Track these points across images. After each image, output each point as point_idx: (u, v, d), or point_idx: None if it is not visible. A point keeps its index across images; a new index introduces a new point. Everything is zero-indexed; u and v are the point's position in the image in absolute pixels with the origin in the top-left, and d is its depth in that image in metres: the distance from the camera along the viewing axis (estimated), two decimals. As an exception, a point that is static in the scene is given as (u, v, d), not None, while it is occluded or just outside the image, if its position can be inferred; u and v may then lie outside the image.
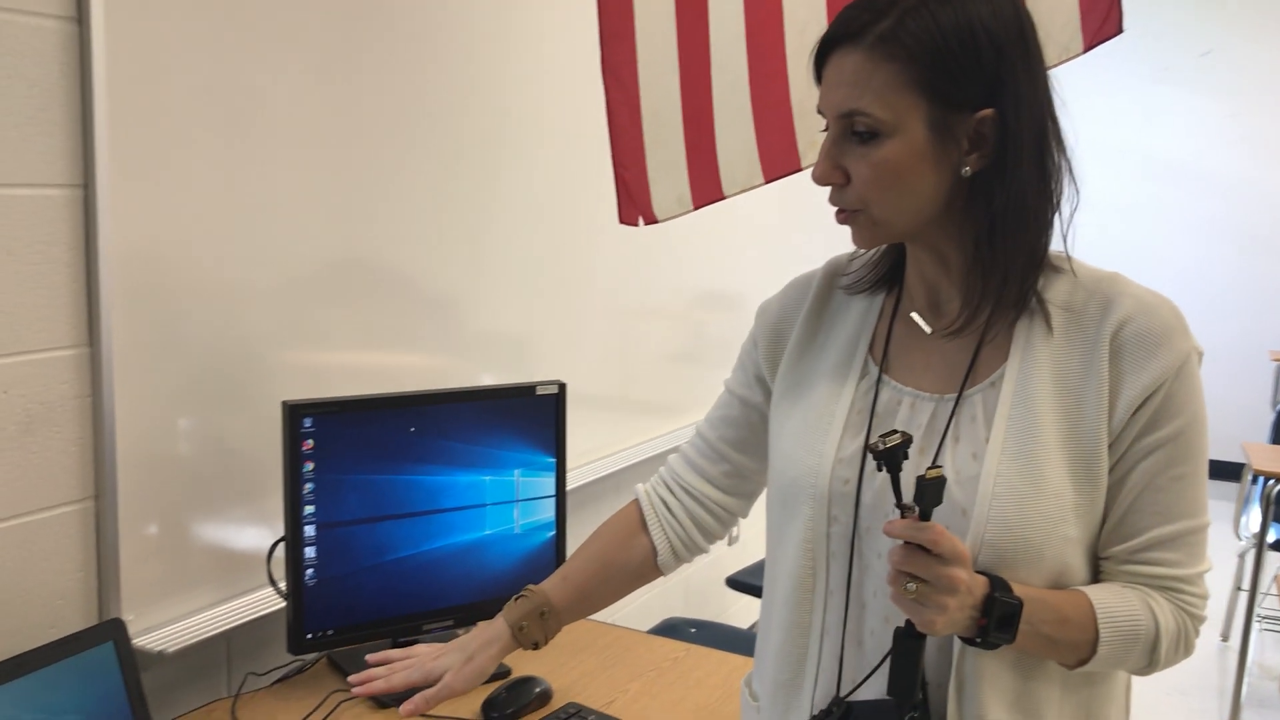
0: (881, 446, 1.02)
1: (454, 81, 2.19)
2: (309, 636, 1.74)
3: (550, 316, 2.59)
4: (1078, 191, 1.15)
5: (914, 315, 1.20)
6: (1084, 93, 6.87)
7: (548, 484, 1.93)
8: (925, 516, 1.03)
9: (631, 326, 2.95)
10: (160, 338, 1.68)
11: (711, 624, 2.85)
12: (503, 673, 1.84)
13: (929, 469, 1.02)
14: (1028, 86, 1.10)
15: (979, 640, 1.06)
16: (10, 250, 1.49)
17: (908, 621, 1.05)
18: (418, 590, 1.83)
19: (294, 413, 1.68)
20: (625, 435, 2.94)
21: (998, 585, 1.05)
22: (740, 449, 1.38)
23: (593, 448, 2.76)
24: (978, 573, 1.05)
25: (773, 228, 3.48)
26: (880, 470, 1.04)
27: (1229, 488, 4.23)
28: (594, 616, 2.41)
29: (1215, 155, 6.63)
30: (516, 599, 1.39)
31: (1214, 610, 4.38)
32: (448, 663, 1.35)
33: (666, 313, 3.13)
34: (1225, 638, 4.34)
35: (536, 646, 1.39)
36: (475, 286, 2.33)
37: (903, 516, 1.03)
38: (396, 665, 1.36)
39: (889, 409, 1.18)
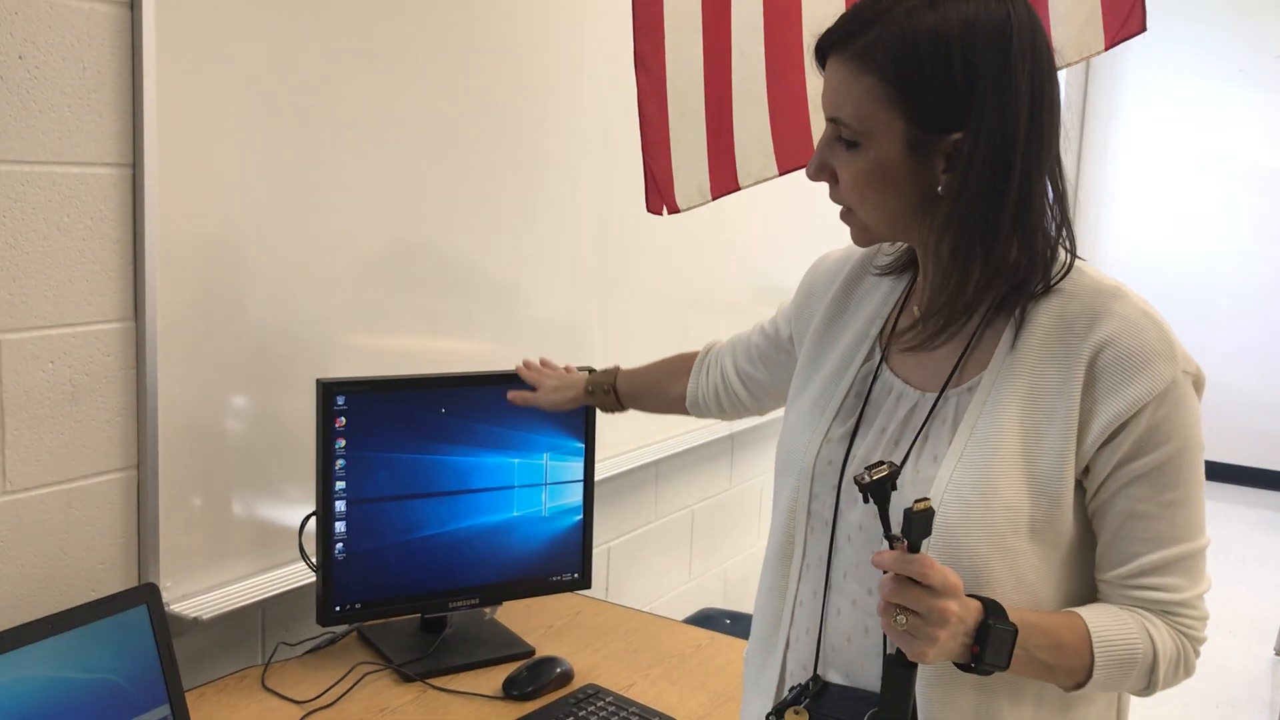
0: (867, 479, 1.01)
1: (507, 68, 2.22)
2: (337, 609, 1.79)
3: (604, 306, 2.61)
4: (1064, 205, 1.12)
5: (915, 309, 1.22)
6: (1157, 93, 6.75)
7: (576, 469, 1.96)
8: (914, 548, 1.01)
9: (688, 318, 2.96)
10: (204, 314, 1.74)
11: (747, 616, 2.85)
12: (526, 652, 1.87)
13: (917, 501, 1.01)
14: (999, 106, 1.05)
15: (973, 666, 1.05)
16: (59, 226, 1.55)
17: (898, 650, 1.04)
18: (445, 568, 1.86)
19: (327, 390, 1.72)
20: (669, 425, 2.95)
21: (992, 611, 1.04)
22: (764, 361, 1.56)
23: (636, 436, 2.78)
24: (972, 597, 1.04)
25: (830, 222, 3.46)
26: (867, 501, 1.03)
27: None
28: (626, 603, 2.44)
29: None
30: (601, 370, 1.82)
31: (1267, 624, 4.31)
32: (547, 384, 1.82)
33: (724, 306, 3.14)
34: (1278, 651, 4.25)
35: (601, 408, 1.83)
36: (527, 274, 2.37)
37: (891, 548, 1.02)
38: (545, 373, 1.86)
39: (879, 398, 1.22)
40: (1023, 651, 1.04)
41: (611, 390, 1.77)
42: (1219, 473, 6.16)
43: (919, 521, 1.01)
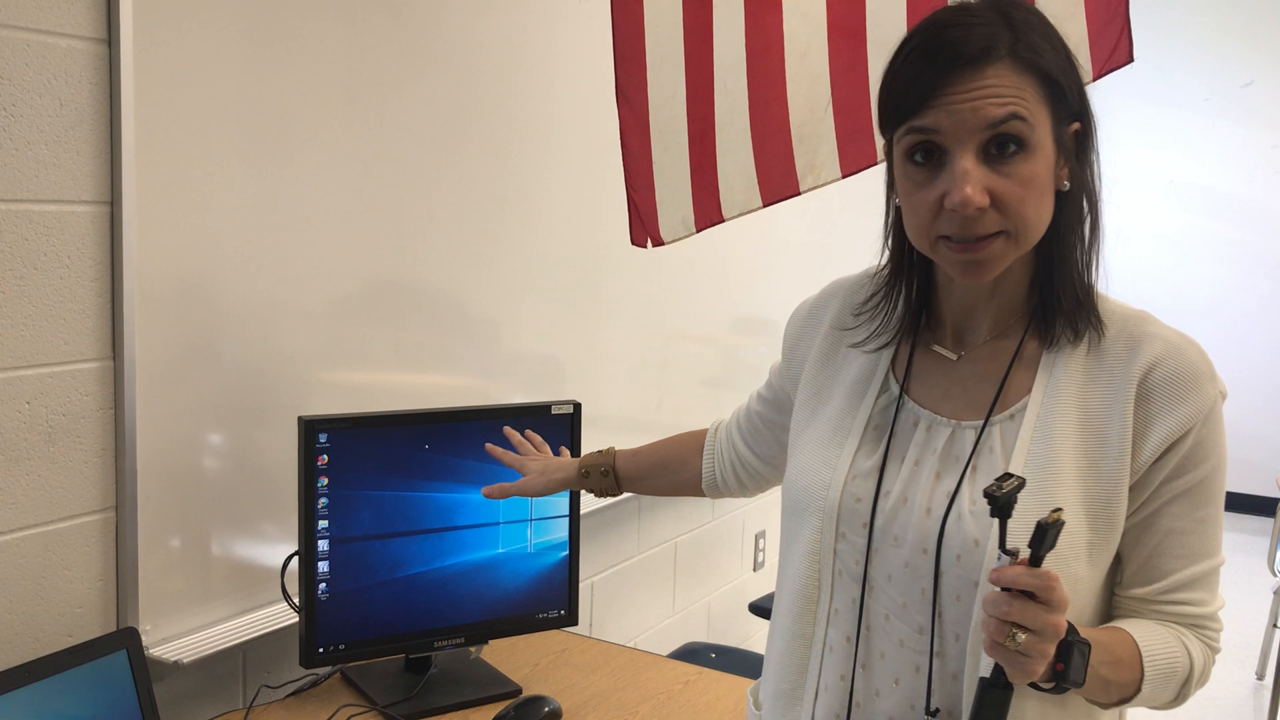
0: (998, 491, 0.97)
1: (485, 103, 2.21)
2: (320, 650, 1.75)
3: (582, 338, 2.60)
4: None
5: (936, 348, 1.20)
6: (1124, 122, 6.83)
7: (561, 504, 1.94)
8: (1037, 562, 0.97)
9: (663, 349, 2.96)
10: (183, 352, 1.71)
11: (732, 649, 2.84)
12: (513, 692, 1.85)
13: (1051, 511, 0.97)
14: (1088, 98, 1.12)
15: (1050, 686, 1.02)
16: (36, 264, 1.52)
17: (995, 670, 0.99)
18: (430, 607, 1.84)
19: (309, 428, 1.70)
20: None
21: (1068, 628, 1.01)
22: (768, 427, 1.45)
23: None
24: None
25: (808, 253, 3.48)
26: (994, 516, 0.99)
27: (1263, 523, 4.17)
28: (614, 640, 2.41)
29: (1255, 186, 6.55)
30: (595, 451, 1.64)
31: (1248, 648, 4.31)
32: (530, 469, 1.65)
33: (699, 336, 3.14)
34: (1260, 676, 4.25)
35: (594, 493, 1.63)
36: (506, 307, 2.35)
37: (1005, 562, 0.98)
38: (527, 459, 1.67)
39: (905, 429, 1.18)
40: (1089, 668, 1.02)
41: (610, 472, 1.61)
42: (1195, 498, 6.17)
43: (1051, 533, 0.97)
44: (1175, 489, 1.09)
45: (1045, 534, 0.97)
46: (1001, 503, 0.97)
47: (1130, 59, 1.57)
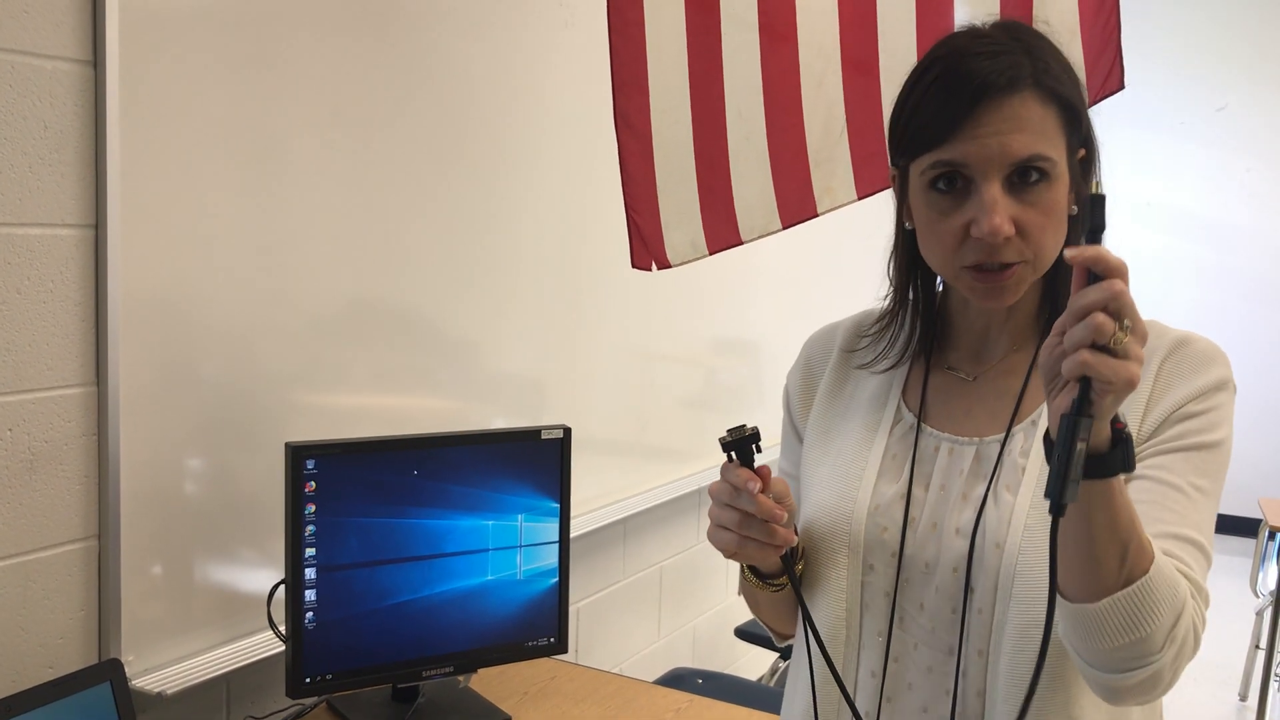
0: (730, 439, 1.07)
1: (469, 125, 2.20)
2: (307, 680, 1.72)
3: (564, 361, 2.59)
4: None
5: (950, 370, 1.20)
6: (1102, 146, 6.88)
7: (551, 530, 1.92)
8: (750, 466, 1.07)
9: (645, 371, 2.94)
10: (168, 377, 1.69)
11: (719, 675, 2.82)
12: (503, 720, 1.82)
13: (729, 432, 1.06)
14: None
15: (1104, 455, 0.90)
16: (19, 289, 1.50)
17: (1077, 401, 0.88)
18: (418, 635, 1.81)
19: (297, 454, 1.67)
20: (636, 481, 2.93)
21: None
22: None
23: (602, 493, 2.75)
24: None
25: (787, 277, 3.48)
26: (731, 461, 1.07)
27: (1246, 543, 4.19)
28: (599, 665, 2.39)
29: (1230, 209, 6.62)
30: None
31: (1231, 669, 4.32)
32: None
33: (680, 358, 3.13)
34: (1243, 697, 4.26)
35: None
36: (489, 330, 2.34)
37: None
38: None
39: (926, 454, 1.16)
40: (1123, 498, 0.93)
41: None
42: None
43: (739, 442, 1.08)
44: (1183, 444, 1.06)
45: (731, 447, 1.07)
46: (735, 447, 1.06)
47: (1121, 86, 1.58)
